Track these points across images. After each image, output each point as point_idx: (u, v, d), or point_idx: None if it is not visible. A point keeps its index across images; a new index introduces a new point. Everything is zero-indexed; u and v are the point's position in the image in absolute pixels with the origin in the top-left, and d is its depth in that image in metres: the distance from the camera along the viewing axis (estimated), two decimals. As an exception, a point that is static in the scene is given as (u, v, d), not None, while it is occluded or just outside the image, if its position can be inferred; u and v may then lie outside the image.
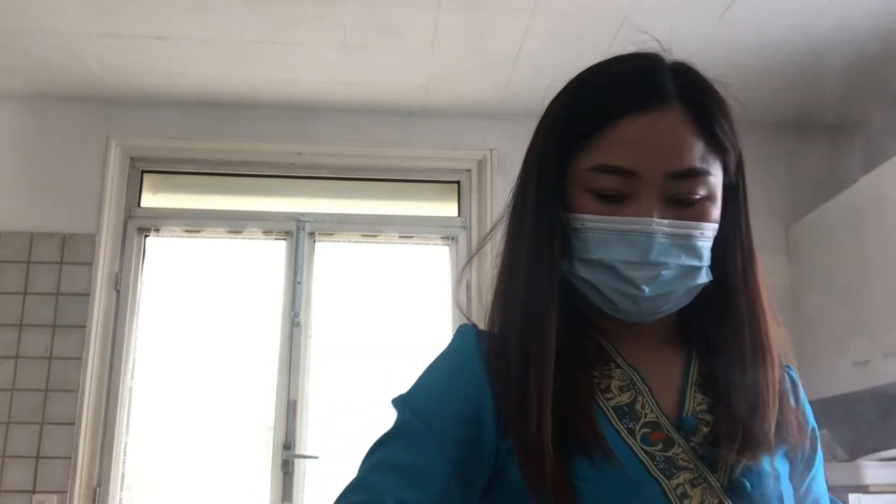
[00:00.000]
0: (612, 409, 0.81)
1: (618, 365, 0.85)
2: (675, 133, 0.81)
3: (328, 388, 3.36)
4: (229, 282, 3.47)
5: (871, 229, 2.94)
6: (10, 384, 3.15)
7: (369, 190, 3.58)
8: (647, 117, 0.81)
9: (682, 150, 0.81)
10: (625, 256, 0.81)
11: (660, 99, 0.82)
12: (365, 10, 2.81)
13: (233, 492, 3.26)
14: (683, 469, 0.79)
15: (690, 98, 0.84)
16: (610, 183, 0.81)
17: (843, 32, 2.91)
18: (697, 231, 0.82)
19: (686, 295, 0.84)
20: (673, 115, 0.82)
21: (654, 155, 0.80)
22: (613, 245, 0.81)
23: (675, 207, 0.81)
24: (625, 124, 0.81)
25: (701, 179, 0.82)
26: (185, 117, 3.47)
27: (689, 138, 0.82)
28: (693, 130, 0.82)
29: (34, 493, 3.07)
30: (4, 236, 3.29)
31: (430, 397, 0.83)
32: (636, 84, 0.84)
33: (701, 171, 0.81)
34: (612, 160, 0.81)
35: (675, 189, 0.81)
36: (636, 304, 0.82)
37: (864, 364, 2.88)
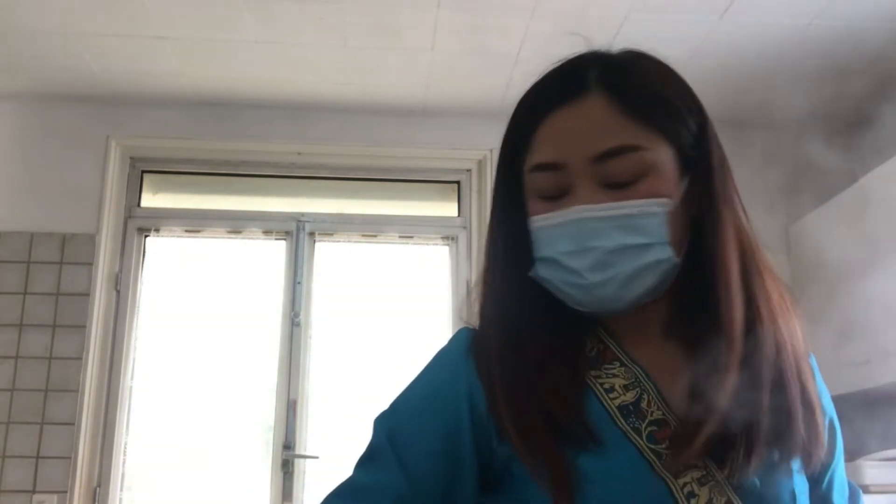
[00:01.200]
0: (617, 408, 0.81)
1: (622, 363, 0.85)
2: (593, 117, 0.82)
3: (328, 388, 3.36)
4: (229, 282, 3.47)
5: (871, 229, 2.94)
6: (10, 384, 3.15)
7: (369, 190, 3.58)
8: (567, 109, 0.83)
9: (601, 132, 0.81)
10: (565, 248, 0.82)
11: (577, 90, 0.83)
12: (365, 10, 2.81)
13: (233, 492, 3.26)
14: (692, 467, 0.78)
15: (612, 81, 0.83)
16: (545, 181, 0.83)
17: (843, 32, 2.91)
18: (633, 209, 0.80)
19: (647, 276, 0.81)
20: (591, 101, 0.82)
21: (576, 143, 0.81)
22: (556, 240, 0.82)
23: (614, 191, 0.81)
24: (548, 121, 0.83)
25: (631, 156, 0.80)
26: (185, 117, 3.47)
27: (610, 119, 0.81)
28: (616, 111, 0.81)
29: (34, 493, 3.07)
30: (4, 236, 3.29)
31: (406, 413, 0.85)
32: (557, 82, 0.86)
33: (628, 148, 0.80)
34: (540, 158, 0.83)
35: (608, 171, 0.81)
36: (587, 292, 0.82)
37: (864, 364, 2.88)
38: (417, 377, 0.88)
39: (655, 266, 0.81)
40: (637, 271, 0.81)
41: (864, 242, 2.97)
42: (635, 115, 0.82)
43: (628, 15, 2.81)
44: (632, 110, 0.82)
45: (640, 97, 0.83)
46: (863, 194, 3.02)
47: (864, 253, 2.97)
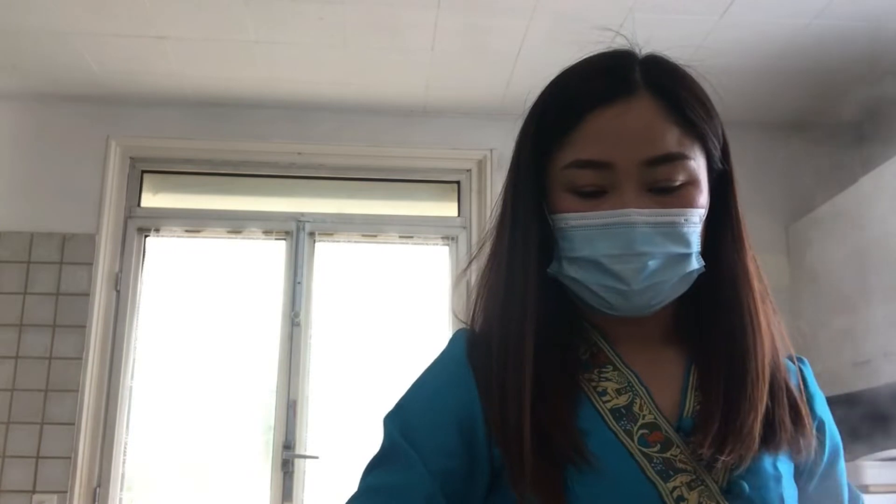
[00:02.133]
0: (609, 411, 0.81)
1: (615, 367, 0.84)
2: (645, 120, 0.80)
3: (328, 388, 3.36)
4: (229, 282, 3.47)
5: (871, 229, 2.94)
6: (10, 384, 3.15)
7: (369, 190, 3.58)
8: (616, 108, 0.81)
9: (654, 136, 0.80)
10: (609, 250, 0.79)
11: (626, 89, 0.81)
12: (365, 10, 2.81)
13: (233, 492, 3.26)
14: (681, 471, 0.78)
15: (659, 85, 0.82)
16: (586, 178, 0.81)
17: (843, 32, 2.91)
18: (681, 217, 0.80)
19: (678, 284, 0.82)
20: (642, 103, 0.81)
21: (627, 144, 0.79)
22: (597, 240, 0.80)
23: (656, 195, 0.80)
24: (594, 118, 0.81)
25: (679, 164, 0.80)
26: (185, 117, 3.47)
27: (661, 124, 0.80)
28: (665, 116, 0.81)
29: (34, 493, 3.07)
30: (4, 236, 3.29)
31: (418, 411, 0.83)
32: (602, 78, 0.83)
33: (678, 156, 0.80)
34: (584, 154, 0.81)
35: (654, 176, 0.80)
36: (626, 298, 0.81)
37: (864, 364, 2.88)
38: (421, 378, 0.87)
39: (689, 276, 0.82)
40: (678, 281, 0.82)
41: (864, 242, 2.97)
42: (681, 123, 0.81)
43: (629, 15, 2.81)
44: (679, 117, 0.81)
45: (687, 105, 0.82)
46: (863, 194, 3.02)
47: (864, 253, 2.97)
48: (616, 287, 0.80)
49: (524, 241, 0.84)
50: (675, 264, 0.80)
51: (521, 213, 0.85)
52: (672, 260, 0.80)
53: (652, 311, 0.83)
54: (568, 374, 0.82)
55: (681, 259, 0.81)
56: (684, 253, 0.80)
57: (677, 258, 0.80)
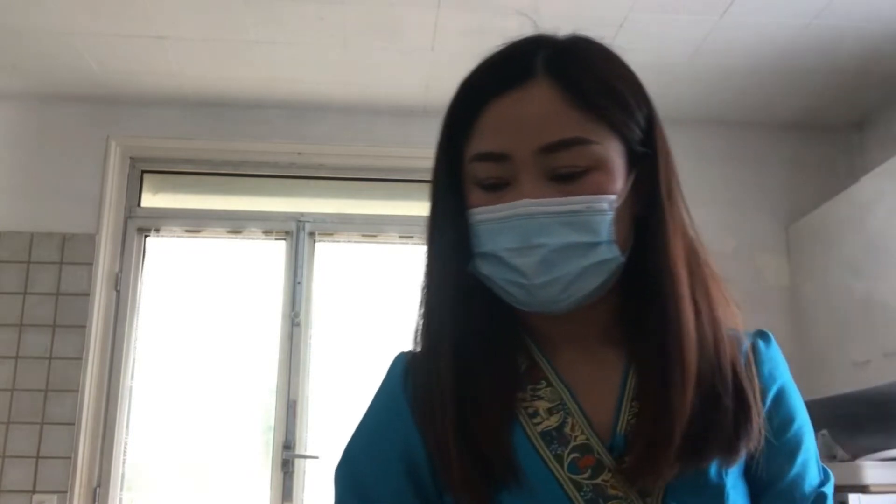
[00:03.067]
0: (540, 434, 0.77)
1: (549, 382, 0.80)
2: (541, 106, 0.76)
3: (328, 388, 3.36)
4: (229, 282, 3.47)
5: (871, 229, 2.94)
6: (10, 384, 3.15)
7: (369, 190, 3.58)
8: (511, 96, 0.77)
9: (550, 122, 0.75)
10: (508, 244, 0.76)
11: (522, 76, 0.78)
12: (365, 10, 2.81)
13: (233, 492, 3.26)
14: (612, 498, 0.73)
15: (559, 70, 0.78)
16: (487, 171, 0.78)
17: (843, 32, 2.91)
18: (582, 205, 0.75)
19: (590, 276, 0.77)
20: (540, 88, 0.77)
21: (522, 132, 0.76)
22: (498, 234, 0.77)
23: (559, 184, 0.75)
24: (492, 108, 0.78)
25: (579, 150, 0.75)
26: (185, 117, 3.47)
27: (559, 109, 0.76)
28: (564, 101, 0.76)
29: (34, 493, 3.07)
30: (4, 236, 3.29)
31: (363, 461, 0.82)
32: (500, 66, 0.80)
33: (577, 141, 0.75)
34: (482, 146, 0.78)
35: (554, 164, 0.75)
36: (529, 293, 0.77)
37: (864, 364, 2.88)
38: (363, 418, 0.86)
39: (601, 266, 0.76)
40: (582, 272, 0.76)
41: (864, 243, 2.97)
42: (584, 106, 0.76)
43: (628, 15, 2.81)
44: (581, 101, 0.76)
45: (590, 87, 0.77)
46: (863, 194, 3.02)
47: (864, 253, 2.97)
48: (518, 281, 0.77)
49: (445, 238, 0.81)
50: (577, 255, 0.75)
51: (439, 213, 0.83)
52: (573, 250, 0.75)
53: (564, 307, 0.78)
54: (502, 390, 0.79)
55: (585, 249, 0.75)
56: (588, 242, 0.75)
57: (580, 248, 0.75)
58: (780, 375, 0.84)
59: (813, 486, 0.81)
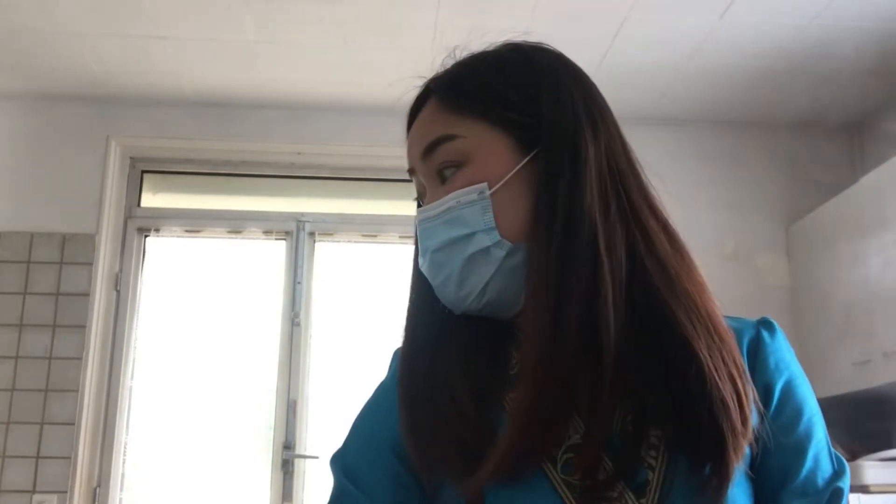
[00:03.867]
0: None
1: None
2: (421, 121, 0.85)
3: (328, 388, 3.36)
4: (229, 282, 3.47)
5: (871, 229, 2.94)
6: (10, 384, 3.15)
7: (369, 190, 3.58)
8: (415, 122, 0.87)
9: (426, 128, 0.83)
10: (418, 253, 0.84)
11: (415, 108, 0.88)
12: (365, 10, 2.81)
13: (233, 492, 3.26)
14: (605, 499, 0.71)
15: (440, 85, 0.86)
16: (416, 187, 0.87)
17: (843, 32, 2.91)
18: (452, 201, 0.78)
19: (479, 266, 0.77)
20: (427, 109, 0.86)
21: (413, 147, 0.85)
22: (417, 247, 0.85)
23: (444, 186, 0.81)
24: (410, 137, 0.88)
25: (447, 146, 0.80)
26: (185, 117, 3.47)
27: (433, 116, 0.84)
28: (439, 109, 0.83)
29: (34, 493, 3.07)
30: (4, 236, 3.29)
31: (357, 449, 0.84)
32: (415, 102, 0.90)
33: (443, 138, 0.81)
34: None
35: (434, 165, 0.82)
36: (442, 297, 0.81)
37: (864, 364, 2.88)
38: (360, 412, 0.89)
39: (484, 255, 0.77)
40: (465, 264, 0.77)
41: (864, 243, 2.97)
42: (453, 108, 0.82)
43: (628, 15, 2.81)
44: (450, 104, 0.82)
45: (461, 88, 0.83)
46: (863, 194, 3.02)
47: (864, 253, 2.97)
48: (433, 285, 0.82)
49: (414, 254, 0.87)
50: (456, 249, 0.78)
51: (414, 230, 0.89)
52: (452, 246, 0.79)
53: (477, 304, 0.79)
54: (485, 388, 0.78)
55: (461, 242, 0.78)
56: (464, 234, 0.77)
57: (456, 242, 0.78)
58: (787, 366, 0.81)
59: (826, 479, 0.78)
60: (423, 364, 0.81)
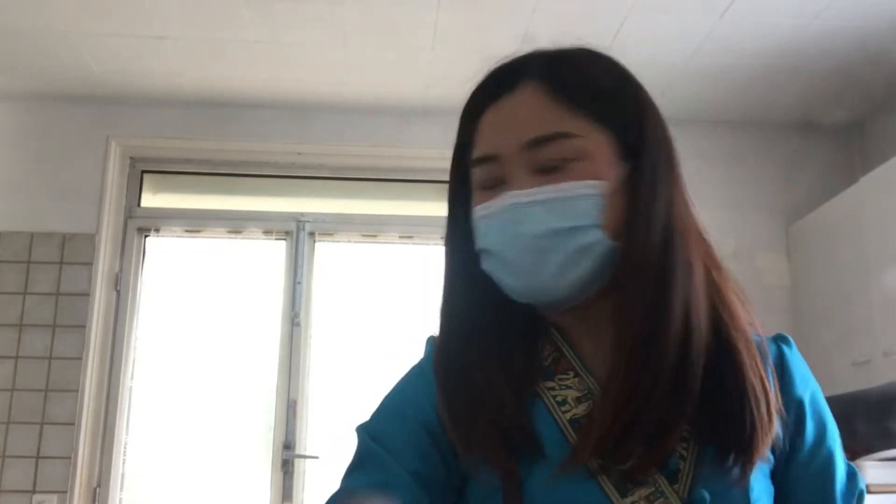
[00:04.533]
0: (569, 422, 0.79)
1: (577, 373, 0.82)
2: (525, 106, 0.82)
3: (328, 388, 3.36)
4: (229, 282, 3.47)
5: (871, 229, 2.94)
6: (10, 384, 3.15)
7: (369, 190, 3.58)
8: (500, 102, 0.83)
9: (533, 119, 0.81)
10: (498, 237, 0.80)
11: (511, 83, 0.84)
12: (365, 10, 2.81)
13: (233, 492, 3.26)
14: (640, 484, 0.75)
15: (546, 72, 0.83)
16: (483, 173, 0.83)
17: (843, 32, 2.91)
18: (563, 191, 0.78)
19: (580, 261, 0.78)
20: (525, 92, 0.82)
21: (508, 133, 0.81)
22: (489, 230, 0.81)
23: (545, 176, 0.79)
24: (484, 117, 0.84)
25: (562, 143, 0.79)
26: (185, 117, 3.47)
27: (541, 107, 0.81)
28: (547, 99, 0.81)
29: (34, 493, 3.07)
30: (4, 236, 3.29)
31: (386, 418, 0.84)
32: (493, 77, 0.87)
33: (559, 135, 0.79)
34: (478, 152, 0.84)
35: (540, 158, 0.79)
36: (524, 282, 0.80)
37: (864, 364, 2.88)
38: (391, 390, 0.89)
39: (587, 250, 0.78)
40: (569, 256, 0.78)
41: (864, 242, 2.97)
42: (567, 103, 0.80)
43: (628, 15, 2.81)
44: (564, 98, 0.81)
45: (573, 84, 0.82)
46: (863, 194, 3.02)
47: (864, 253, 2.97)
48: (510, 271, 0.80)
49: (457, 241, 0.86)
50: (563, 239, 0.78)
51: (453, 216, 0.88)
52: (556, 235, 0.78)
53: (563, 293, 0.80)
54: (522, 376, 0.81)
55: (570, 233, 0.78)
56: (573, 226, 0.78)
57: (564, 232, 0.78)
58: (810, 378, 0.89)
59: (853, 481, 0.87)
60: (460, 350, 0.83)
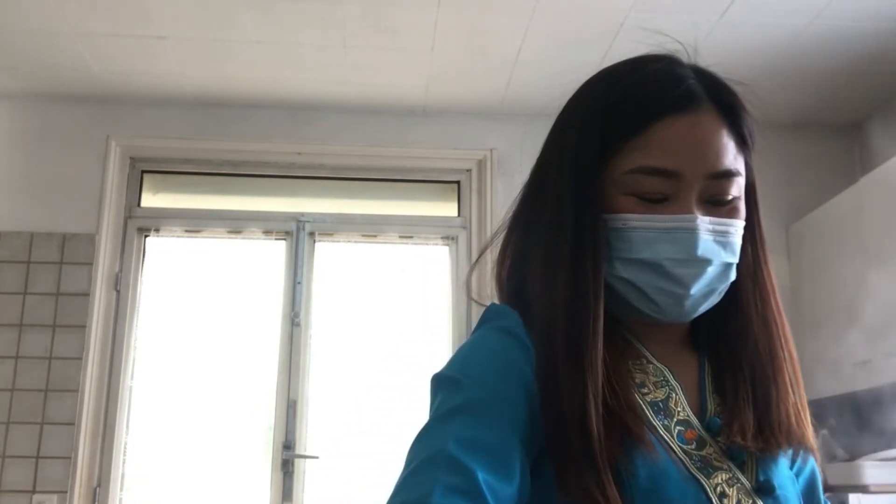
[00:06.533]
0: (649, 404, 0.81)
1: (649, 361, 0.85)
2: (713, 134, 0.83)
3: (328, 388, 3.36)
4: (229, 282, 3.47)
5: (871, 229, 2.94)
6: (10, 384, 3.15)
7: (369, 190, 3.58)
8: (686, 119, 0.82)
9: (720, 151, 0.82)
10: (671, 254, 0.80)
11: (694, 101, 0.84)
12: (365, 10, 2.81)
13: (233, 492, 3.26)
14: (719, 469, 0.79)
15: (719, 99, 0.85)
16: (653, 185, 0.81)
17: (843, 32, 2.91)
18: (734, 228, 0.83)
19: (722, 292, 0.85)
20: (708, 116, 0.83)
21: (696, 156, 0.81)
22: (658, 243, 0.81)
23: (711, 206, 0.82)
24: (664, 127, 0.82)
25: (734, 180, 0.83)
26: (185, 117, 3.47)
27: (725, 139, 0.83)
28: (727, 131, 0.84)
29: (34, 493, 3.07)
30: (4, 236, 3.29)
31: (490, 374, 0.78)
32: (668, 86, 0.85)
33: (735, 173, 0.83)
34: (654, 162, 0.81)
35: (712, 190, 0.82)
36: (680, 303, 0.82)
37: (864, 364, 2.88)
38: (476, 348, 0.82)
39: (727, 285, 0.85)
40: (723, 290, 0.84)
41: (864, 242, 2.97)
42: (737, 139, 0.84)
43: (628, 15, 2.81)
44: (735, 133, 0.84)
45: (743, 122, 0.86)
46: (863, 194, 3.02)
47: (864, 253, 2.97)
48: (674, 291, 0.81)
49: (593, 241, 0.82)
50: (726, 273, 0.83)
51: (588, 213, 0.82)
52: (724, 269, 0.83)
53: (692, 318, 0.85)
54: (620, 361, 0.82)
55: (729, 269, 0.84)
56: (732, 262, 0.84)
57: (728, 267, 0.83)
58: None
59: None
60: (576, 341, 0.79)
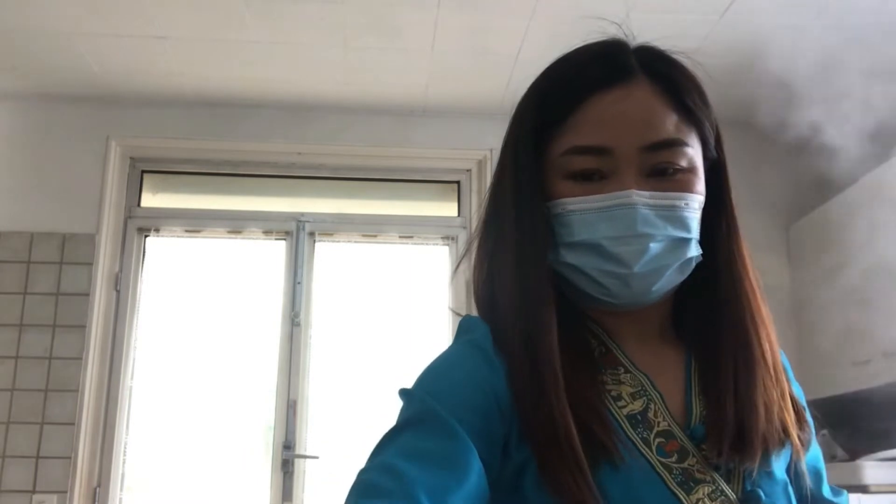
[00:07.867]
0: (626, 417, 0.77)
1: (627, 369, 0.81)
2: (645, 105, 0.79)
3: (328, 388, 3.36)
4: (229, 282, 3.47)
5: (871, 229, 2.94)
6: (10, 384, 3.15)
7: (369, 190, 3.58)
8: (614, 93, 0.80)
9: (654, 121, 0.79)
10: (609, 233, 0.77)
11: (624, 74, 0.81)
12: (365, 10, 2.81)
13: (233, 492, 3.26)
14: (701, 482, 0.75)
15: (656, 72, 0.82)
16: (585, 163, 0.79)
17: (842, 32, 2.91)
18: (681, 201, 0.79)
19: (677, 272, 0.80)
20: (641, 88, 0.80)
21: (627, 129, 0.78)
22: (597, 223, 0.78)
23: (655, 180, 0.79)
24: (592, 103, 0.80)
25: (678, 150, 0.79)
26: (185, 117, 3.47)
27: (661, 109, 0.80)
28: (663, 102, 0.80)
29: (34, 493, 3.07)
30: (4, 236, 3.29)
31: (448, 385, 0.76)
32: (599, 63, 0.83)
33: (677, 142, 0.79)
34: (583, 140, 0.79)
35: (653, 162, 0.79)
36: (626, 283, 0.78)
37: (864, 364, 2.88)
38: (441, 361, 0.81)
39: (688, 264, 0.81)
40: (677, 266, 0.80)
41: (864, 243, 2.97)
42: (679, 109, 0.80)
43: (628, 15, 2.80)
44: (676, 103, 0.81)
45: (684, 91, 0.82)
46: (863, 194, 3.02)
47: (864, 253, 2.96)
48: (616, 271, 0.78)
49: (532, 228, 0.80)
50: (675, 248, 0.79)
51: (528, 201, 0.81)
52: (673, 243, 0.79)
53: (650, 300, 0.81)
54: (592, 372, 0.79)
55: (681, 243, 0.79)
56: (685, 237, 0.79)
57: (678, 242, 0.79)
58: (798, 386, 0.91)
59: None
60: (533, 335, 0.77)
